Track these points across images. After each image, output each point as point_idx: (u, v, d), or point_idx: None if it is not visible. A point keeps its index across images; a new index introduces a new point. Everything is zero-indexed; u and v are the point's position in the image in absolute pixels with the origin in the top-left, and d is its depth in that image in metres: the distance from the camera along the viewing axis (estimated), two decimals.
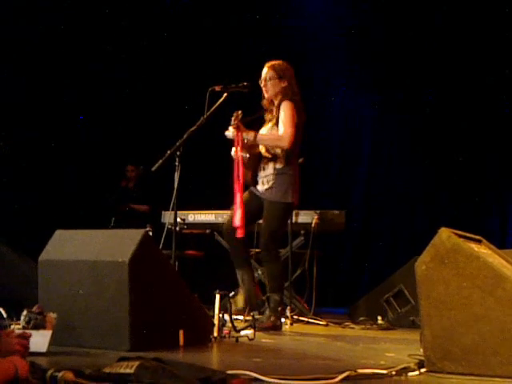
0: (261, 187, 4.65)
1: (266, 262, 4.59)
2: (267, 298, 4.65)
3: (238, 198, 4.49)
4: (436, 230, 2.77)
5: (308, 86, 7.47)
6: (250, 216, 4.57)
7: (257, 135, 4.56)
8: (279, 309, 4.63)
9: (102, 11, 7.56)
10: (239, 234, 4.49)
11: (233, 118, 4.54)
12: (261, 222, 4.67)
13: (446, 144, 7.30)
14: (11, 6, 7.00)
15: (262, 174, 4.65)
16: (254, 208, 4.60)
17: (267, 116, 4.81)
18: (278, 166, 4.61)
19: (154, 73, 7.82)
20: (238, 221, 4.46)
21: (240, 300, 4.62)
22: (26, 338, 2.60)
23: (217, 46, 7.70)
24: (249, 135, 4.55)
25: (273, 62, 4.76)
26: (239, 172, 4.51)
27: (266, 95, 4.71)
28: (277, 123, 4.63)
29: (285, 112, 4.59)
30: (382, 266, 7.10)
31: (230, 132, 4.54)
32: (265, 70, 4.74)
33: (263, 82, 4.70)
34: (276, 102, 4.71)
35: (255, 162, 4.67)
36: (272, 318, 4.56)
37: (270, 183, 4.60)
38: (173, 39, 7.82)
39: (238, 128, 4.51)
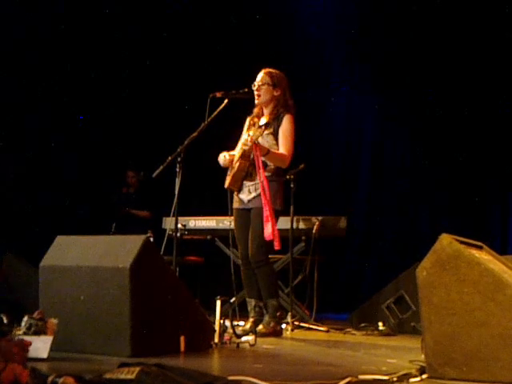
0: (247, 195, 4.62)
1: (257, 268, 4.58)
2: (264, 304, 4.65)
3: (267, 212, 4.41)
4: (438, 236, 2.77)
5: (309, 87, 7.54)
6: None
7: (269, 152, 4.51)
8: (278, 314, 4.63)
9: (102, 12, 7.56)
10: (276, 246, 4.39)
11: (249, 137, 4.47)
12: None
13: (448, 145, 7.28)
14: (12, 6, 7.01)
15: (249, 181, 4.62)
16: (247, 225, 4.60)
17: (253, 119, 4.77)
18: (268, 173, 4.59)
19: (154, 78, 7.82)
20: (270, 234, 4.37)
21: (248, 324, 4.62)
22: (26, 344, 2.60)
23: (217, 49, 7.70)
24: (263, 151, 4.50)
25: (270, 69, 4.76)
26: (265, 187, 4.47)
27: (257, 99, 4.71)
28: (274, 133, 4.62)
29: (287, 129, 4.61)
30: (383, 272, 7.08)
31: (247, 146, 4.48)
32: (260, 75, 4.73)
33: (256, 86, 4.69)
34: (268, 110, 4.71)
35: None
36: (272, 324, 4.56)
37: (259, 191, 4.57)
38: (173, 42, 7.82)
39: (256, 144, 4.45)
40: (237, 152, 4.69)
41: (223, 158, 4.75)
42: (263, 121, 4.61)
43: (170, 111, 7.77)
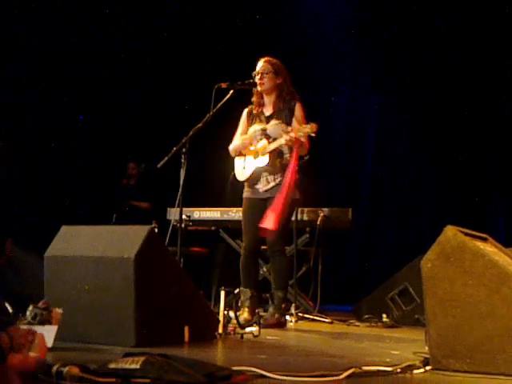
0: (264, 185, 4.63)
1: (273, 258, 4.59)
2: (271, 294, 4.65)
3: (279, 203, 4.45)
4: (442, 228, 2.76)
5: (310, 86, 7.52)
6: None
7: (302, 143, 4.52)
8: (283, 306, 4.64)
9: (102, 11, 7.55)
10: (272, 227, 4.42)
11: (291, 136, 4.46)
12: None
13: (452, 142, 7.29)
14: (11, 6, 7.00)
15: (266, 171, 4.64)
16: (259, 214, 4.60)
17: (255, 108, 4.76)
18: (285, 162, 4.62)
19: (154, 71, 7.81)
20: (272, 224, 4.40)
21: (244, 313, 4.60)
22: (33, 333, 2.61)
23: (218, 45, 7.69)
24: (299, 143, 4.51)
25: (269, 58, 4.77)
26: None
27: (260, 88, 4.70)
28: (285, 122, 4.64)
29: (302, 116, 4.65)
30: (387, 264, 7.09)
31: (283, 140, 4.49)
32: (261, 64, 4.74)
33: (259, 75, 4.69)
34: (272, 98, 4.71)
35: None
36: (276, 315, 4.57)
37: (279, 180, 4.59)
38: (174, 36, 7.81)
39: (297, 140, 4.47)
40: (261, 145, 4.65)
41: (242, 143, 4.71)
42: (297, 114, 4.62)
43: (170, 103, 7.76)
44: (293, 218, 5.26)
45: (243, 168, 4.73)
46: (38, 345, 2.32)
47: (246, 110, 4.86)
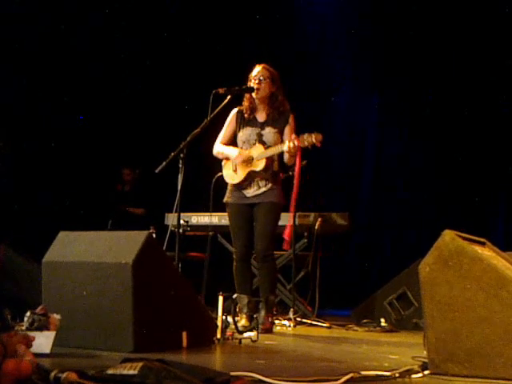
0: (255, 190, 4.64)
1: (265, 262, 4.60)
2: (266, 299, 4.64)
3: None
4: (440, 232, 2.77)
5: (310, 85, 7.53)
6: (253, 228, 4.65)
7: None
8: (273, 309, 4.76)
9: (102, 11, 7.55)
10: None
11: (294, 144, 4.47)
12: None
13: (452, 142, 7.29)
14: (11, 6, 7.00)
15: (259, 177, 4.65)
16: (249, 219, 4.65)
17: (247, 113, 4.74)
18: (275, 169, 4.66)
19: (151, 76, 7.80)
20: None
21: (242, 319, 4.60)
22: (30, 339, 2.60)
23: (216, 47, 7.69)
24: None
25: (265, 65, 4.77)
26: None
27: (256, 94, 4.67)
28: (280, 132, 4.66)
29: (293, 128, 4.67)
30: (385, 268, 7.09)
31: (285, 147, 4.49)
32: (258, 69, 4.72)
33: (257, 80, 4.67)
34: (265, 106, 4.71)
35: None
36: (270, 319, 4.60)
37: (270, 185, 4.61)
38: (171, 40, 7.81)
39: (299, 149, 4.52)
40: (256, 150, 4.64)
41: (238, 155, 4.70)
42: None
43: (166, 108, 7.75)
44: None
45: (234, 171, 4.72)
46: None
47: (234, 111, 4.80)
